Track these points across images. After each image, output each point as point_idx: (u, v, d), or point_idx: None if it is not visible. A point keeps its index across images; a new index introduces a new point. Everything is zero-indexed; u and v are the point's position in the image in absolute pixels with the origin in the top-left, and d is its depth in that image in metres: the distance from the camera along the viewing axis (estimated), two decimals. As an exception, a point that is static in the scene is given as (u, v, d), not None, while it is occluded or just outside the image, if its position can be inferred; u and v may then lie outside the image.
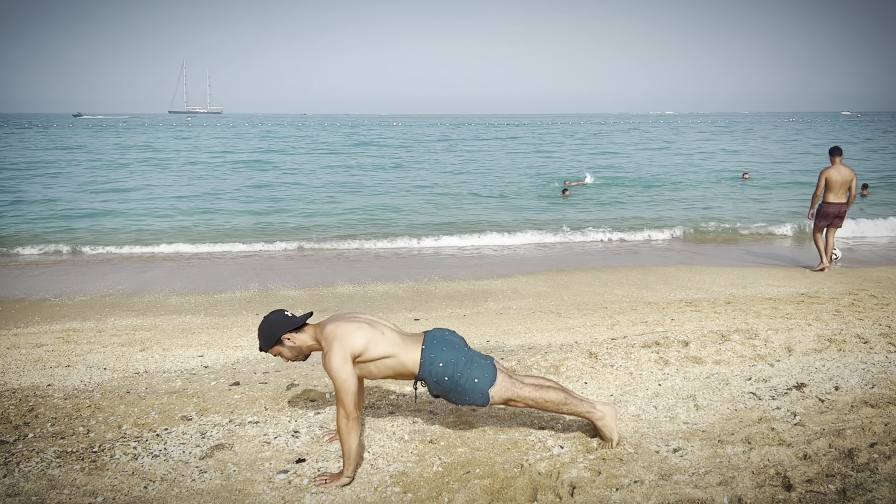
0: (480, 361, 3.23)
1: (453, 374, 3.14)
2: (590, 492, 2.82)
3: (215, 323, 7.05)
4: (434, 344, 3.20)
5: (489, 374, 3.20)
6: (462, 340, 3.31)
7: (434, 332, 3.28)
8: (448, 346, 3.21)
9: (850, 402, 3.71)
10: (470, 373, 3.16)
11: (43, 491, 2.90)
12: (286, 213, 16.35)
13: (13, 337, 6.42)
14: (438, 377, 3.15)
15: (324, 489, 3.00)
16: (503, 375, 3.24)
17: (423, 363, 3.15)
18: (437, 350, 3.17)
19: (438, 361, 3.15)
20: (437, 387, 3.19)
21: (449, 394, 3.20)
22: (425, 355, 3.16)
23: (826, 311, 6.42)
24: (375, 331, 3.15)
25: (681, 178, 23.99)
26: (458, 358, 3.17)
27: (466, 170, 27.45)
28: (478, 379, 3.17)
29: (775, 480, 2.81)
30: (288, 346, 3.19)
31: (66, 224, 14.50)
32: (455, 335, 3.32)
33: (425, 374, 3.16)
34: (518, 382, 3.25)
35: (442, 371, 3.14)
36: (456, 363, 3.16)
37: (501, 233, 13.10)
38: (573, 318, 6.77)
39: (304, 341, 3.20)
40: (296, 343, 3.19)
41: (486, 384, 3.17)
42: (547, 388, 3.27)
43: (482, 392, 3.17)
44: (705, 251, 11.70)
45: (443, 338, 3.25)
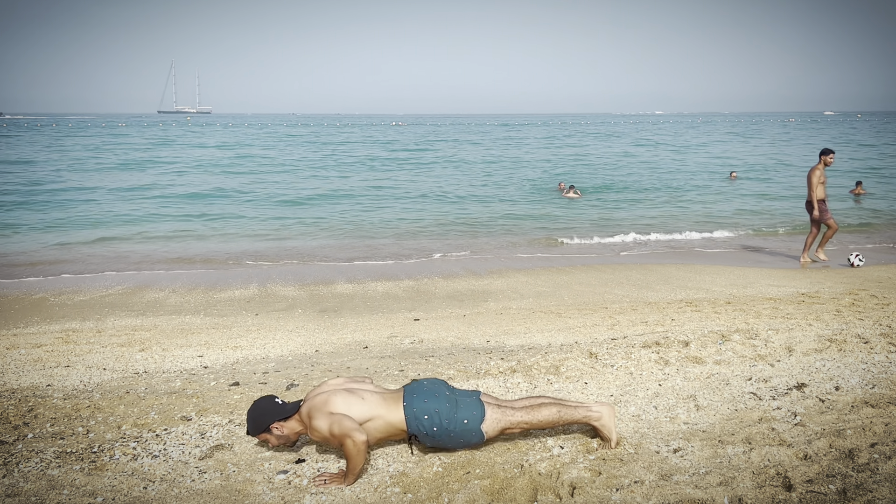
0: (465, 401, 3.22)
1: (440, 423, 3.14)
2: (590, 492, 2.82)
3: (215, 323, 7.05)
4: (414, 398, 3.20)
5: (477, 411, 3.19)
6: (442, 385, 3.30)
7: (412, 386, 3.29)
8: (428, 396, 3.20)
9: (850, 402, 3.71)
10: (456, 416, 3.15)
11: (42, 491, 2.90)
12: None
13: (12, 337, 6.42)
14: (427, 430, 3.15)
15: (323, 489, 3.00)
16: (491, 408, 3.22)
17: (408, 420, 3.16)
18: (418, 403, 3.17)
19: (423, 415, 3.15)
20: (429, 439, 3.19)
21: (442, 442, 3.19)
22: (408, 412, 3.16)
23: (826, 311, 6.41)
24: (355, 396, 3.18)
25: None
26: (440, 406, 3.17)
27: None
28: (467, 420, 3.16)
29: (776, 481, 2.81)
30: (276, 435, 3.24)
31: (66, 224, 14.52)
32: (433, 382, 3.31)
33: (414, 430, 3.17)
34: (508, 410, 3.24)
35: (429, 423, 3.14)
36: (440, 412, 3.15)
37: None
38: (573, 318, 6.77)
39: (292, 429, 3.25)
40: (283, 432, 3.24)
41: (476, 423, 3.17)
42: (538, 407, 3.25)
43: (474, 431, 3.17)
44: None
45: (421, 389, 3.25)
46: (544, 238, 12.95)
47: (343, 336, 6.41)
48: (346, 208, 17.15)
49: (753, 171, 26.47)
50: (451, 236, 13.25)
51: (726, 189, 20.97)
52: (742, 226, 14.28)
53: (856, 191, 18.69)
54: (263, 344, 6.10)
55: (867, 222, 14.67)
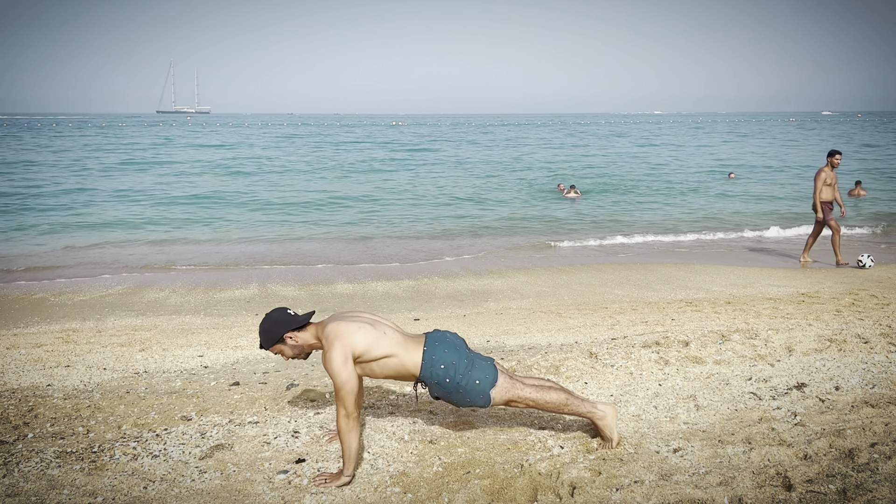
0: (481, 363, 3.23)
1: (454, 376, 3.14)
2: (590, 492, 2.82)
3: (215, 323, 7.05)
4: (435, 346, 3.19)
5: (490, 375, 3.19)
6: (463, 342, 3.31)
7: (435, 334, 3.28)
8: (449, 347, 3.20)
9: (850, 402, 3.71)
10: (471, 374, 3.16)
11: (42, 491, 2.90)
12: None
13: (13, 337, 6.42)
14: (440, 379, 3.15)
15: (323, 489, 3.00)
16: (504, 376, 3.24)
17: (425, 364, 3.15)
18: (438, 352, 3.17)
19: (440, 363, 3.14)
20: (438, 388, 3.18)
21: (450, 395, 3.19)
22: (426, 357, 3.15)
23: (826, 311, 6.41)
24: (377, 331, 3.15)
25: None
26: (459, 360, 3.17)
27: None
28: (479, 380, 3.17)
29: (776, 480, 2.81)
30: (290, 345, 3.18)
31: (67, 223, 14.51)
32: (456, 337, 3.31)
33: (426, 375, 3.16)
34: (519, 383, 3.25)
35: (443, 373, 3.14)
36: (457, 365, 3.15)
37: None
38: (573, 318, 6.77)
39: (306, 340, 3.19)
40: (298, 342, 3.18)
41: (487, 385, 3.17)
42: (548, 389, 3.27)
43: (483, 393, 3.17)
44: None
45: (444, 339, 3.24)
46: (544, 238, 12.94)
47: (343, 336, 6.40)
48: (346, 208, 17.15)
49: (754, 171, 26.47)
50: (452, 237, 13.25)
51: (725, 189, 20.97)
52: (741, 226, 14.28)
53: (854, 192, 18.54)
54: (263, 344, 6.10)
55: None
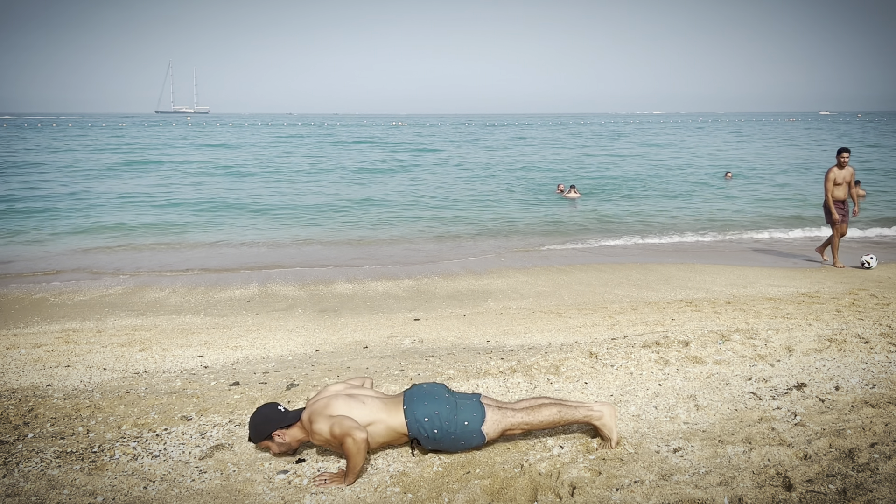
0: (465, 403, 3.24)
1: (441, 426, 3.15)
2: (590, 492, 2.82)
3: (215, 323, 7.05)
4: (414, 402, 3.22)
5: (478, 413, 3.20)
6: (442, 388, 3.32)
7: (412, 390, 3.30)
8: (428, 399, 3.22)
9: (850, 402, 3.71)
10: (457, 418, 3.17)
11: (42, 491, 2.90)
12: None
13: (13, 337, 6.42)
14: (428, 432, 3.17)
15: (324, 489, 3.00)
16: (492, 409, 3.24)
17: (409, 424, 3.17)
18: (418, 407, 3.19)
19: (423, 417, 3.16)
20: (430, 442, 3.20)
21: (443, 444, 3.20)
22: (408, 416, 3.18)
23: (826, 311, 6.41)
24: (356, 401, 3.20)
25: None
26: (440, 408, 3.18)
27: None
28: (467, 421, 3.17)
29: (776, 480, 2.81)
30: (277, 442, 3.25)
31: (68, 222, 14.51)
32: (433, 385, 3.33)
33: (415, 433, 3.18)
34: (509, 411, 3.25)
35: (429, 426, 3.16)
36: (440, 414, 3.17)
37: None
38: (573, 318, 6.77)
39: (294, 436, 3.26)
40: (285, 440, 3.25)
41: (476, 424, 3.18)
42: (538, 408, 3.26)
43: (475, 432, 3.18)
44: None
45: (420, 393, 3.26)
46: (544, 238, 12.95)
47: (343, 336, 6.41)
48: (345, 208, 17.15)
49: (753, 171, 26.47)
50: (452, 237, 13.25)
51: (724, 189, 20.97)
52: (741, 226, 14.28)
53: (853, 191, 18.53)
54: (264, 344, 6.10)
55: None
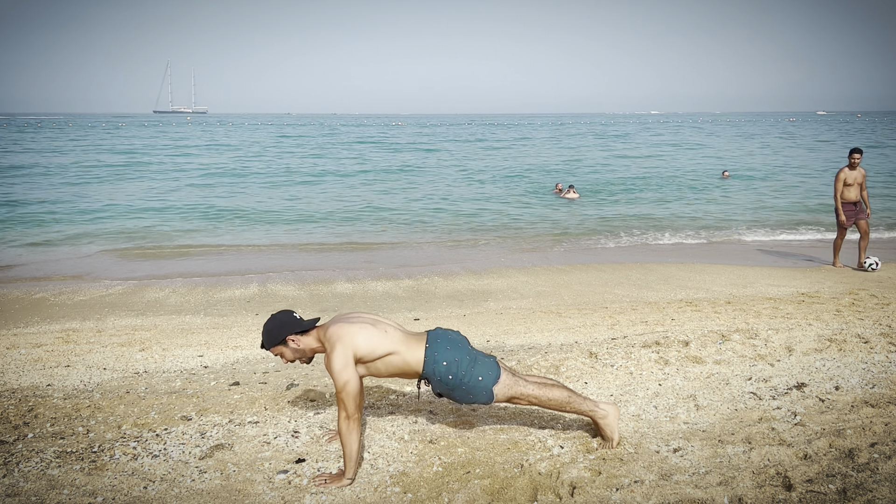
0: (484, 360, 3.24)
1: (457, 373, 3.15)
2: (590, 492, 2.82)
3: (215, 323, 7.05)
4: (437, 343, 3.20)
5: (493, 372, 3.20)
6: (465, 340, 3.32)
7: (437, 332, 3.29)
8: (452, 345, 3.21)
9: (850, 401, 3.71)
10: (474, 371, 3.17)
11: (42, 491, 2.90)
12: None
13: (13, 337, 6.42)
14: (442, 376, 3.15)
15: (324, 489, 3.00)
16: (506, 373, 3.25)
17: (427, 362, 3.15)
18: (440, 349, 3.18)
19: (442, 360, 3.15)
20: (441, 385, 3.19)
21: (453, 392, 3.20)
22: (429, 354, 3.16)
23: (826, 311, 6.41)
24: (378, 330, 3.16)
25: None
26: (461, 357, 3.18)
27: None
28: (482, 377, 3.17)
29: (776, 480, 2.81)
30: (291, 348, 3.19)
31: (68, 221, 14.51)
32: (458, 334, 3.32)
33: (429, 372, 3.16)
34: (521, 380, 3.26)
35: (446, 370, 3.15)
36: (460, 362, 3.16)
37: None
38: (573, 318, 6.77)
39: (308, 344, 3.20)
40: (300, 346, 3.19)
41: (490, 381, 3.18)
42: (550, 387, 3.28)
43: (486, 389, 3.18)
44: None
45: (446, 337, 3.25)
46: (543, 238, 12.95)
47: (343, 336, 6.40)
48: (345, 208, 17.16)
49: (754, 171, 26.48)
50: (452, 237, 13.24)
51: (723, 189, 20.97)
52: (741, 226, 14.28)
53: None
54: (263, 344, 6.10)
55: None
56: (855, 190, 9.49)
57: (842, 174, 9.51)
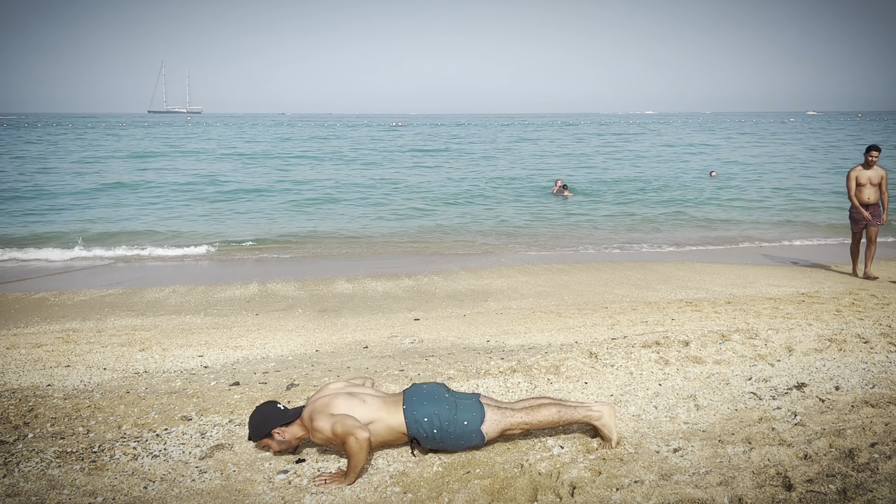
0: (465, 403, 3.25)
1: (441, 426, 3.16)
2: (590, 492, 2.82)
3: (215, 323, 7.05)
4: (413, 401, 3.22)
5: (477, 413, 3.21)
6: (442, 388, 3.33)
7: (412, 389, 3.32)
8: (428, 399, 3.23)
9: (850, 401, 3.71)
10: (456, 418, 3.18)
11: (43, 491, 2.90)
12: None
13: (13, 337, 6.42)
14: (428, 432, 3.17)
15: (324, 489, 3.00)
16: (491, 409, 3.25)
17: (409, 424, 3.18)
18: (418, 406, 3.20)
19: (423, 417, 3.17)
20: (429, 441, 3.21)
21: (443, 444, 3.21)
22: (408, 415, 3.18)
23: (826, 311, 6.41)
24: (356, 399, 3.21)
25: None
26: (440, 408, 3.19)
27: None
28: (467, 421, 3.18)
29: (776, 480, 2.81)
30: (276, 440, 3.26)
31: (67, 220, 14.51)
32: (433, 385, 3.34)
33: (414, 433, 3.19)
34: (508, 411, 3.26)
35: (429, 425, 3.17)
36: (440, 414, 3.18)
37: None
38: (573, 318, 6.77)
39: (294, 434, 3.27)
40: (285, 437, 3.26)
41: (476, 423, 3.19)
42: (538, 408, 3.27)
43: (475, 432, 3.19)
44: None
45: (420, 392, 3.28)
46: (542, 238, 12.95)
47: (343, 336, 6.41)
48: (342, 208, 17.16)
49: (754, 171, 26.48)
50: (452, 237, 13.24)
51: (722, 189, 20.97)
52: (741, 225, 14.28)
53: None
54: (264, 344, 6.10)
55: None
56: (870, 191, 8.72)
57: (853, 172, 8.78)
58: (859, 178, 8.71)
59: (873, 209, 8.77)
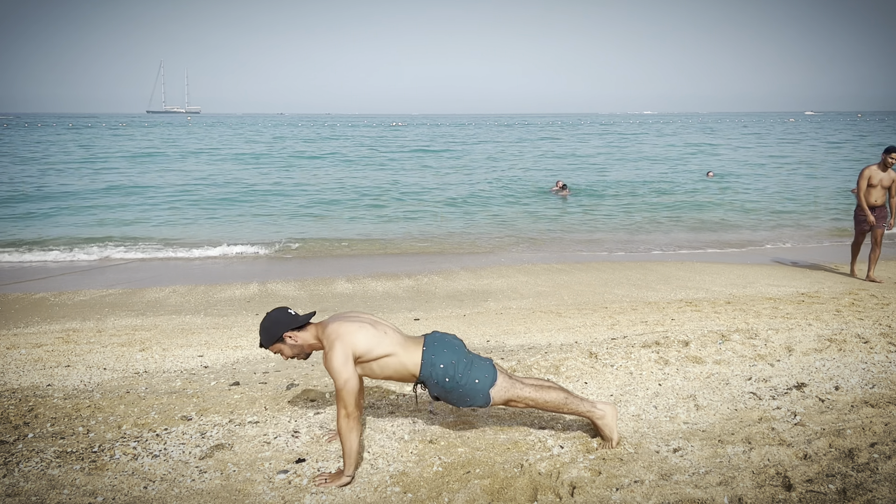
0: (480, 363, 3.25)
1: (454, 376, 3.15)
2: (590, 492, 2.82)
3: (215, 323, 7.05)
4: (434, 346, 3.21)
5: (490, 374, 3.21)
6: (462, 343, 3.32)
7: (434, 335, 3.30)
8: (449, 348, 3.22)
9: (850, 401, 3.71)
10: (470, 374, 3.17)
11: (43, 491, 2.90)
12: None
13: (13, 337, 6.42)
14: (439, 378, 3.16)
15: (324, 489, 3.00)
16: (503, 376, 3.25)
17: (424, 365, 3.16)
18: (437, 352, 3.18)
19: (439, 363, 3.16)
20: (437, 388, 3.19)
21: (450, 395, 3.20)
22: (426, 357, 3.17)
23: (826, 311, 6.41)
24: (377, 330, 3.17)
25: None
26: (458, 360, 3.19)
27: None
28: (478, 380, 3.18)
29: (775, 480, 2.81)
30: (289, 345, 3.19)
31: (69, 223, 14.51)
32: (455, 338, 3.33)
33: (426, 375, 3.17)
34: (518, 383, 3.26)
35: (443, 372, 3.15)
36: (457, 365, 3.17)
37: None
38: (573, 318, 6.77)
39: (306, 340, 3.20)
40: (297, 342, 3.19)
41: (486, 384, 3.18)
42: (547, 389, 3.28)
43: (483, 392, 3.18)
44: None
45: (443, 340, 3.26)
46: (542, 238, 12.95)
47: (343, 336, 6.40)
48: (341, 207, 17.16)
49: (754, 169, 26.48)
50: (452, 237, 13.25)
51: (710, 188, 20.97)
52: (736, 224, 14.28)
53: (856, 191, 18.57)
54: (263, 344, 6.10)
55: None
56: (879, 192, 8.46)
57: (867, 171, 8.44)
58: (872, 178, 8.43)
59: (879, 211, 8.57)
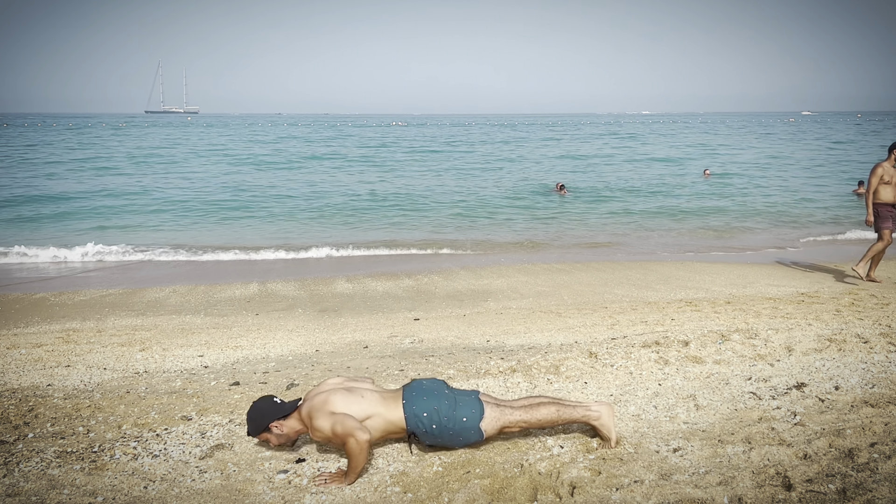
0: (465, 399, 3.25)
1: (440, 421, 3.17)
2: (590, 492, 2.82)
3: (215, 323, 7.05)
4: (413, 396, 3.23)
5: (476, 409, 3.21)
6: (442, 384, 3.33)
7: (412, 385, 3.32)
8: (427, 394, 3.23)
9: (850, 401, 3.71)
10: (456, 414, 3.18)
11: (43, 491, 2.90)
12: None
13: (13, 337, 6.42)
14: (427, 427, 3.18)
15: (324, 489, 3.00)
16: (490, 407, 3.25)
17: (408, 418, 3.18)
18: (417, 402, 3.20)
19: (422, 412, 3.17)
20: (428, 437, 3.21)
21: (442, 440, 3.21)
22: (407, 410, 3.19)
23: (826, 311, 6.41)
24: (354, 395, 3.20)
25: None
26: (440, 404, 3.20)
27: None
28: (466, 418, 3.19)
29: (775, 480, 2.81)
30: (275, 434, 3.25)
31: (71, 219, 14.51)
32: (433, 381, 3.34)
33: (413, 428, 3.19)
34: (507, 408, 3.27)
35: (428, 420, 3.17)
36: (440, 409, 3.18)
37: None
38: (573, 318, 6.77)
39: (292, 427, 3.26)
40: (283, 431, 3.25)
41: (475, 420, 3.19)
42: (536, 407, 3.27)
43: (473, 429, 3.19)
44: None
45: (420, 388, 3.28)
46: (542, 238, 12.95)
47: (343, 336, 6.41)
48: (340, 206, 17.16)
49: (752, 170, 26.48)
50: (452, 237, 13.25)
51: (710, 188, 20.97)
52: (736, 224, 14.28)
53: (858, 191, 18.48)
54: (264, 343, 6.10)
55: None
56: (891, 190, 8.21)
57: (879, 169, 8.17)
58: (884, 175, 8.18)
59: (894, 209, 8.33)
